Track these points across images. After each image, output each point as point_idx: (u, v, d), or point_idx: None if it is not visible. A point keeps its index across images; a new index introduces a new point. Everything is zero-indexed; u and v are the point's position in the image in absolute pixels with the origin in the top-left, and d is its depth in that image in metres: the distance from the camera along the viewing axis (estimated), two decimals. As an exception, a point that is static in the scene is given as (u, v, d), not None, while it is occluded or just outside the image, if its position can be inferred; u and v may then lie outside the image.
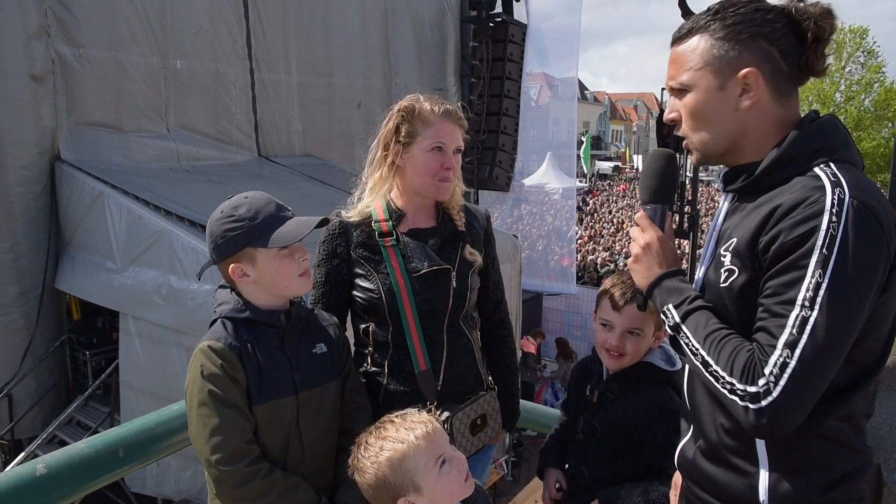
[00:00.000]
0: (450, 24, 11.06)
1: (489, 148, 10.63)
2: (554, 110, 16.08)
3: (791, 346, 1.12)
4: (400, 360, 1.89)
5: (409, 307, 1.85)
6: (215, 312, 1.67)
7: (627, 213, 26.14)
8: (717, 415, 1.32)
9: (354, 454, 1.45)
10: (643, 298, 1.46)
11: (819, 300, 1.11)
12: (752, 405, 1.14)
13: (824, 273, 1.11)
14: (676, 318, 1.31)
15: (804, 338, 1.11)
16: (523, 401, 2.78)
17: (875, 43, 26.37)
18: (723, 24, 1.28)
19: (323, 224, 1.69)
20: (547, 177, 18.35)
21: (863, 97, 26.53)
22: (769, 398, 1.12)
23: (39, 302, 6.66)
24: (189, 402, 1.60)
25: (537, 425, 3.97)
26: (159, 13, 7.32)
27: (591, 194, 32.29)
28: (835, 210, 1.13)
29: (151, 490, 5.93)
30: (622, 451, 1.83)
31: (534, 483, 6.27)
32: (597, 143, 47.32)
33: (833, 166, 1.21)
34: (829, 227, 1.12)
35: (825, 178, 1.19)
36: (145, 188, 6.29)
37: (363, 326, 1.94)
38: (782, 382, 1.11)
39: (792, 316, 1.13)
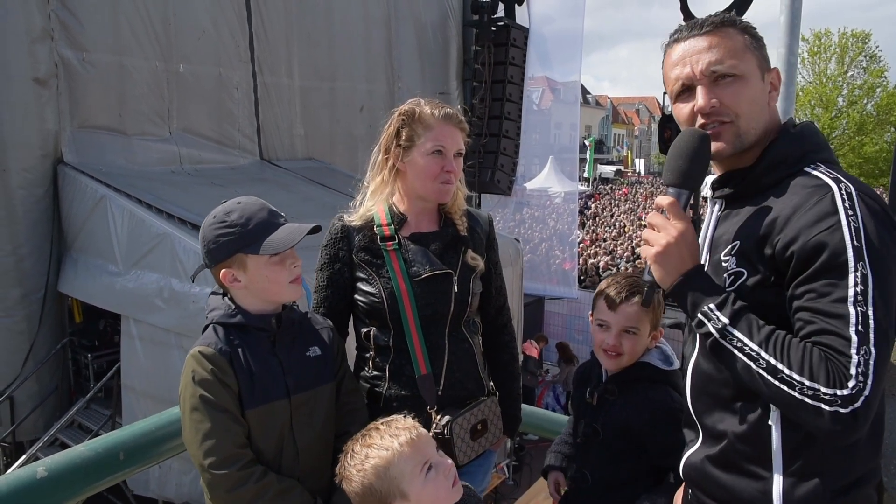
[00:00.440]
0: (452, 28, 11.08)
1: (491, 151, 10.64)
2: (556, 114, 16.09)
3: (866, 342, 1.11)
4: (401, 365, 1.89)
5: (411, 311, 1.85)
6: (207, 318, 1.69)
7: (629, 217, 26.14)
8: (729, 420, 1.31)
9: (341, 462, 1.46)
10: (651, 293, 1.39)
11: (870, 292, 1.12)
12: (842, 409, 1.10)
13: (865, 265, 1.13)
14: (724, 320, 1.22)
15: (871, 332, 1.11)
16: (525, 405, 2.78)
17: (877, 47, 26.41)
18: (750, 27, 1.36)
19: (315, 231, 1.68)
20: (549, 180, 18.37)
21: (865, 101, 26.54)
22: (861, 398, 1.10)
23: (42, 305, 6.67)
24: (182, 408, 1.61)
25: (539, 429, 3.96)
26: (162, 17, 7.35)
27: (593, 198, 32.30)
28: (847, 203, 1.16)
29: (153, 493, 5.92)
30: (624, 453, 1.83)
31: (535, 487, 6.26)
32: (599, 146, 47.33)
33: (823, 166, 1.26)
34: (849, 221, 1.14)
35: (823, 176, 1.22)
36: (148, 191, 6.30)
37: (365, 330, 1.95)
38: (870, 380, 1.11)
39: (853, 313, 1.12)
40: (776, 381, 1.15)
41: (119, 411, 6.29)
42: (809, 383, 1.12)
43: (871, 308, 1.11)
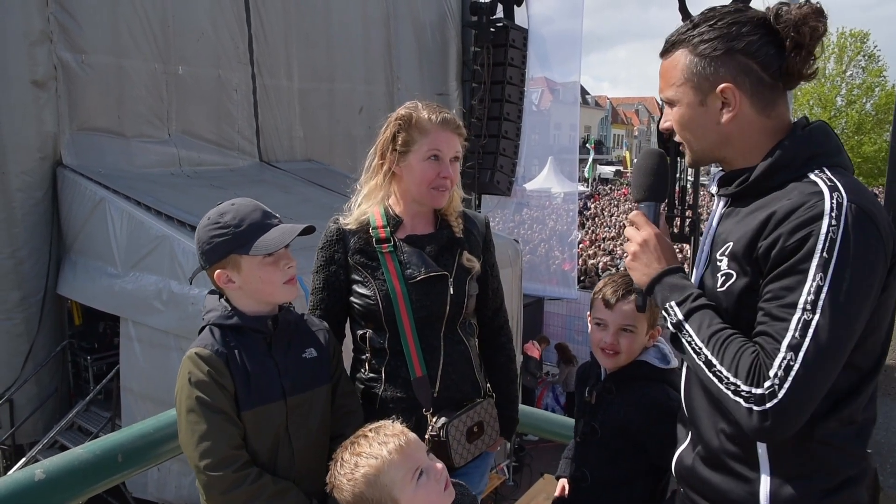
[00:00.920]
0: (451, 29, 11.09)
1: (490, 152, 10.65)
2: (555, 115, 16.10)
3: (795, 349, 1.12)
4: (396, 367, 1.88)
5: (406, 314, 1.85)
6: (203, 319, 1.69)
7: (629, 218, 26.08)
8: (718, 420, 1.31)
9: (331, 471, 1.46)
10: (642, 297, 1.45)
11: (821, 303, 1.12)
12: (756, 407, 1.14)
13: (825, 276, 1.12)
14: (679, 316, 1.30)
15: (807, 341, 1.12)
16: (524, 406, 2.77)
17: (876, 47, 26.43)
18: (700, 40, 1.30)
19: (307, 232, 1.68)
20: (548, 181, 18.39)
21: (864, 101, 26.56)
22: (774, 400, 1.12)
23: (41, 307, 6.67)
24: (178, 409, 1.61)
25: (538, 430, 3.96)
26: (161, 19, 7.35)
27: (592, 199, 32.30)
28: (834, 214, 1.14)
29: (153, 495, 5.91)
30: (623, 451, 1.83)
31: (535, 488, 6.26)
32: (598, 147, 47.35)
33: (828, 171, 1.22)
34: (828, 231, 1.13)
35: (822, 183, 1.20)
36: (147, 193, 6.30)
37: (361, 332, 1.94)
38: (787, 385, 1.11)
39: (794, 319, 1.13)
40: (710, 375, 1.22)
41: (119, 413, 6.29)
42: (733, 379, 1.18)
43: (818, 318, 1.11)
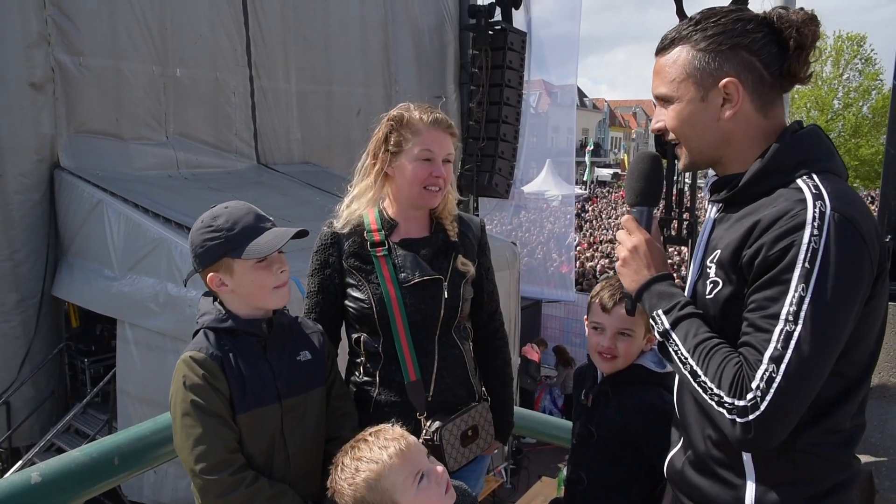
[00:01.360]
0: (449, 33, 11.11)
1: (489, 155, 10.65)
2: (553, 117, 16.13)
3: (776, 361, 1.12)
4: (391, 371, 1.88)
5: (400, 317, 1.84)
6: (197, 323, 1.68)
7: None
8: (706, 426, 1.31)
9: (332, 476, 1.46)
10: (632, 302, 1.45)
11: (803, 315, 1.11)
12: (739, 419, 1.13)
13: (807, 287, 1.11)
14: (666, 325, 1.29)
15: (789, 352, 1.11)
16: (522, 409, 2.78)
17: (873, 50, 26.49)
18: (703, 35, 1.28)
19: (301, 235, 1.67)
20: (546, 184, 18.39)
21: (861, 104, 26.62)
22: (756, 412, 1.12)
23: (38, 309, 6.66)
24: (173, 413, 1.61)
25: (535, 433, 3.95)
26: (159, 21, 7.35)
27: (590, 201, 32.33)
28: (816, 223, 1.12)
29: (149, 498, 5.89)
30: (619, 454, 1.83)
31: (533, 490, 6.26)
32: (596, 150, 47.39)
33: (816, 178, 1.20)
34: (810, 241, 1.12)
35: (807, 190, 1.18)
36: (144, 196, 6.29)
37: (355, 336, 1.94)
38: (769, 397, 1.11)
39: (776, 330, 1.13)
40: (696, 385, 1.22)
41: (116, 416, 6.28)
42: (716, 390, 1.17)
43: (800, 329, 1.11)
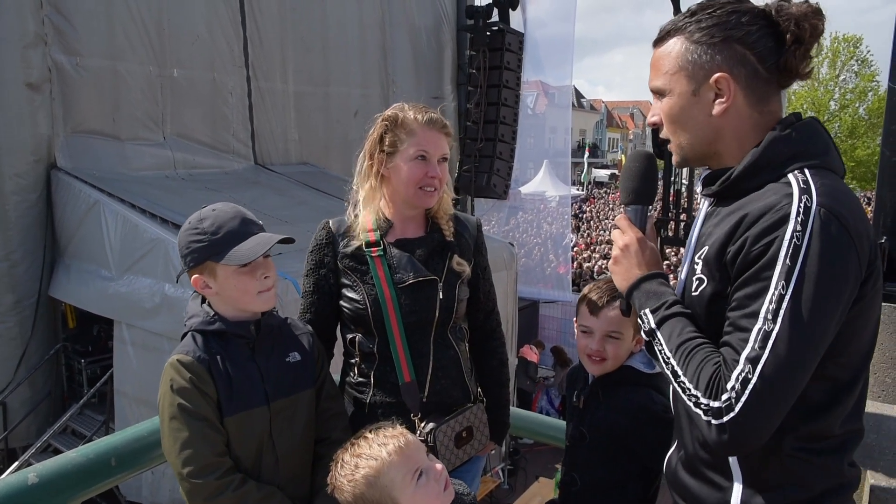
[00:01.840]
0: (447, 33, 11.10)
1: (486, 156, 10.64)
2: (551, 118, 16.12)
3: (753, 362, 1.07)
4: (385, 372, 1.88)
5: (395, 318, 1.84)
6: (185, 325, 1.68)
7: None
8: (693, 426, 1.28)
9: (332, 472, 1.47)
10: (626, 302, 1.43)
11: (782, 313, 1.07)
12: (714, 420, 1.10)
13: (787, 285, 1.07)
14: (652, 324, 1.27)
15: (766, 353, 1.07)
16: (518, 409, 2.78)
17: (869, 51, 26.58)
18: (698, 27, 1.24)
19: (287, 242, 1.66)
20: (544, 185, 18.41)
21: (857, 105, 26.71)
22: (731, 414, 1.08)
23: (35, 310, 6.64)
24: (161, 416, 1.61)
25: (532, 433, 3.95)
26: (156, 22, 7.34)
27: (587, 202, 32.36)
28: (800, 219, 1.08)
29: (146, 499, 5.88)
30: (612, 456, 1.83)
31: (530, 491, 6.26)
32: (593, 151, 47.44)
33: (807, 172, 1.15)
34: (793, 236, 1.07)
35: (795, 184, 1.13)
36: (141, 196, 6.28)
37: (350, 336, 1.94)
38: (743, 399, 1.07)
39: (755, 329, 1.08)
40: (676, 385, 1.19)
41: (112, 417, 6.26)
42: (694, 391, 1.15)
43: (778, 328, 1.07)
